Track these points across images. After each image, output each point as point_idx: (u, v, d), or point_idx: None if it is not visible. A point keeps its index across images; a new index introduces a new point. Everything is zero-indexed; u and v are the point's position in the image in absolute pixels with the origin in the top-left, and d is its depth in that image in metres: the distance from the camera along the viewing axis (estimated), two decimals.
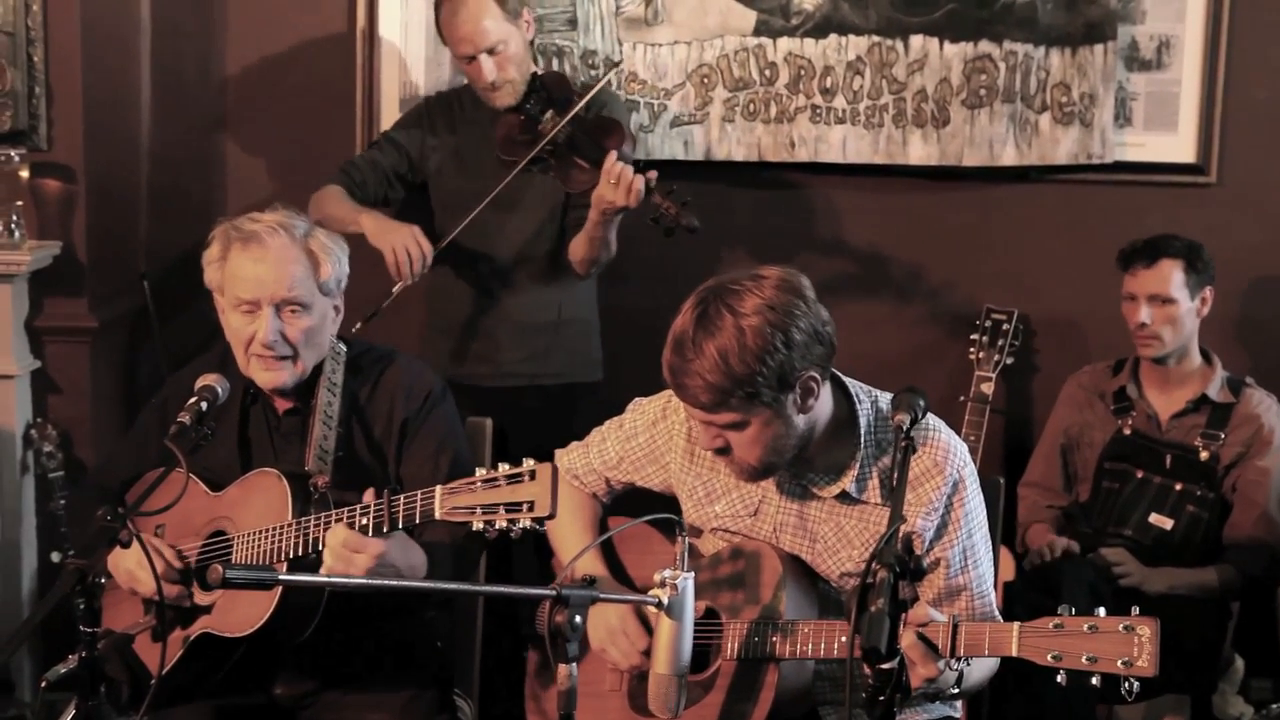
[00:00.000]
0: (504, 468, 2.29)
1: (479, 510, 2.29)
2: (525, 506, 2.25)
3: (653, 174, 3.35)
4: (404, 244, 3.46)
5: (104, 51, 3.92)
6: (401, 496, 2.42)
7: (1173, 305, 3.59)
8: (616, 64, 3.92)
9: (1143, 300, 3.61)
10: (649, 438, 2.70)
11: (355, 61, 4.08)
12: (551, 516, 2.25)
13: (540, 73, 3.61)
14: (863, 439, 2.49)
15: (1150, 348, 3.64)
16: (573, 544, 2.69)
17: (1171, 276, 3.59)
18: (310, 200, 3.66)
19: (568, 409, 3.62)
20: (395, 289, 3.50)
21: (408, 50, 4.07)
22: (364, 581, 2.40)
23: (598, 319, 3.84)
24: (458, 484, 2.33)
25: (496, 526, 2.27)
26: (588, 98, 3.48)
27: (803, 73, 4.02)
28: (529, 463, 2.27)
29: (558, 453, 2.85)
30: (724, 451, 2.44)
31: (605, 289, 3.84)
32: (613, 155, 3.34)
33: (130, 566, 2.61)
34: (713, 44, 4.02)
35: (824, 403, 2.45)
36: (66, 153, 3.82)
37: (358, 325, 3.48)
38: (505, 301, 3.70)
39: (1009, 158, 4.02)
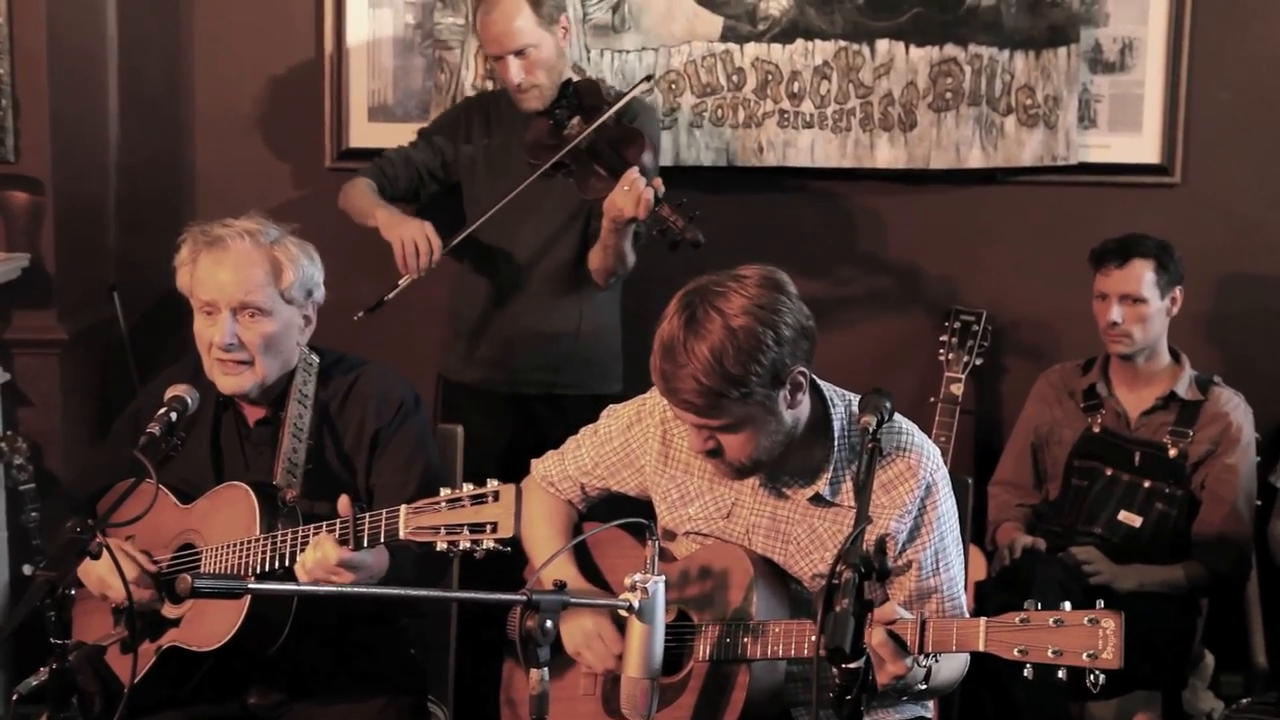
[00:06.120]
0: (468, 488, 2.30)
1: (443, 530, 2.30)
2: (489, 528, 2.27)
3: (658, 182, 3.36)
4: (413, 237, 3.48)
5: (71, 63, 3.91)
6: (367, 515, 2.42)
7: (1144, 305, 3.62)
8: (649, 77, 3.86)
9: (1114, 299, 3.64)
10: (624, 441, 2.71)
11: (323, 72, 4.08)
12: (515, 538, 2.26)
13: (575, 79, 3.61)
14: (836, 442, 2.51)
15: (1120, 344, 3.67)
16: (545, 549, 2.69)
17: (1143, 276, 3.62)
18: (340, 190, 3.71)
19: (584, 420, 3.60)
20: (401, 282, 3.51)
21: (376, 60, 4.07)
22: (333, 589, 2.40)
23: (620, 331, 3.82)
24: (422, 504, 2.34)
25: (460, 547, 2.28)
26: (615, 107, 3.48)
27: (770, 78, 4.04)
28: (493, 484, 2.29)
29: (534, 461, 2.86)
30: (715, 454, 2.44)
31: (627, 299, 3.81)
32: (634, 168, 3.35)
33: (102, 573, 2.62)
34: (680, 50, 4.04)
35: (803, 403, 2.46)
36: (34, 165, 3.81)
37: (359, 314, 3.51)
38: (525, 308, 3.70)
39: (975, 160, 4.05)
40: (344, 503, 2.48)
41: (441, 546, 2.30)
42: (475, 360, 3.75)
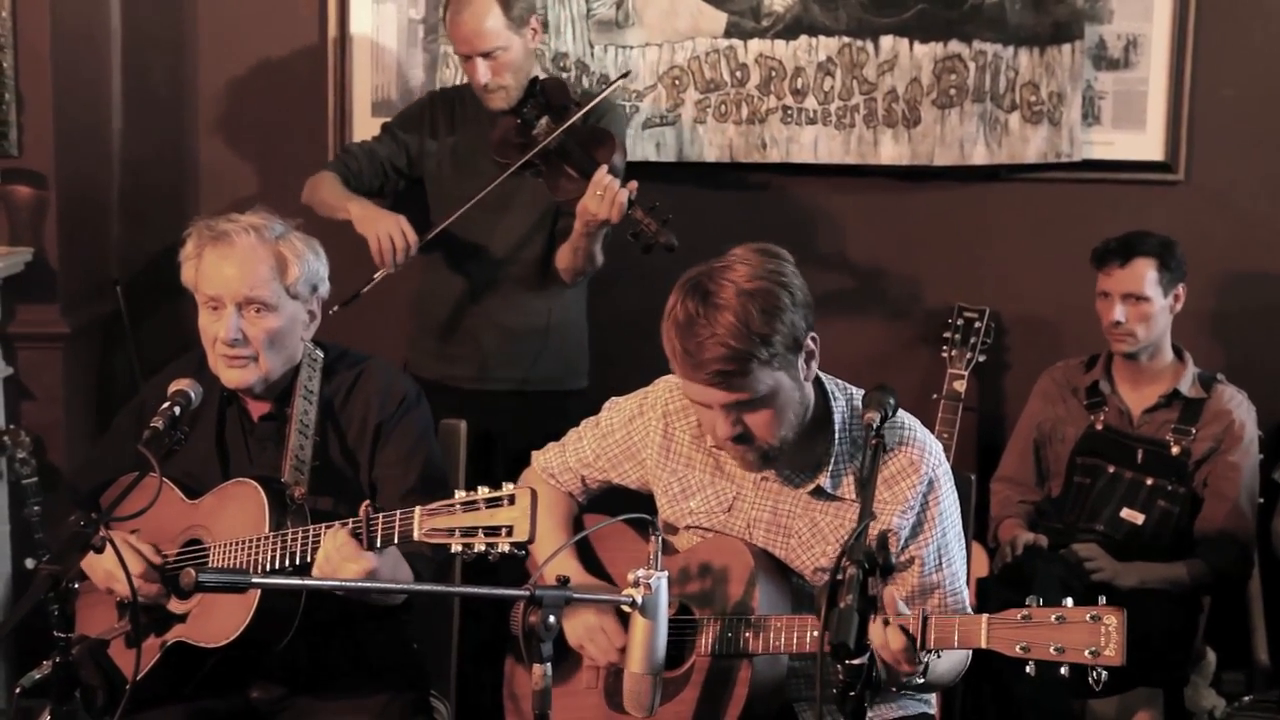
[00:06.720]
0: (483, 490, 2.29)
1: (458, 533, 2.29)
2: (504, 531, 2.26)
3: (633, 185, 3.35)
4: (388, 231, 3.46)
5: (75, 57, 3.91)
6: (381, 515, 2.42)
7: (1147, 303, 3.62)
8: (625, 74, 3.89)
9: (1117, 298, 3.64)
10: (625, 434, 2.71)
11: (326, 66, 4.08)
12: (530, 542, 2.26)
13: (541, 78, 3.60)
14: (837, 435, 2.51)
15: (1124, 343, 3.67)
16: (547, 542, 2.68)
17: (1145, 275, 3.62)
18: (305, 184, 3.68)
19: (554, 415, 3.57)
20: (376, 275, 3.49)
21: (380, 54, 4.07)
22: (337, 583, 2.40)
23: (586, 326, 3.83)
24: (437, 505, 2.33)
25: (475, 550, 2.28)
26: (586, 109, 3.47)
27: (774, 74, 4.04)
28: (508, 487, 2.28)
29: (534, 453, 2.86)
30: (743, 439, 2.43)
31: (592, 295, 3.83)
32: (603, 168, 3.34)
33: (110, 567, 2.61)
34: (684, 46, 4.04)
35: (806, 393, 2.46)
36: (37, 159, 3.81)
37: (335, 308, 3.47)
38: (494, 306, 3.69)
39: (979, 157, 4.05)
40: (364, 508, 2.48)
41: (456, 549, 2.29)
42: (443, 357, 3.74)
